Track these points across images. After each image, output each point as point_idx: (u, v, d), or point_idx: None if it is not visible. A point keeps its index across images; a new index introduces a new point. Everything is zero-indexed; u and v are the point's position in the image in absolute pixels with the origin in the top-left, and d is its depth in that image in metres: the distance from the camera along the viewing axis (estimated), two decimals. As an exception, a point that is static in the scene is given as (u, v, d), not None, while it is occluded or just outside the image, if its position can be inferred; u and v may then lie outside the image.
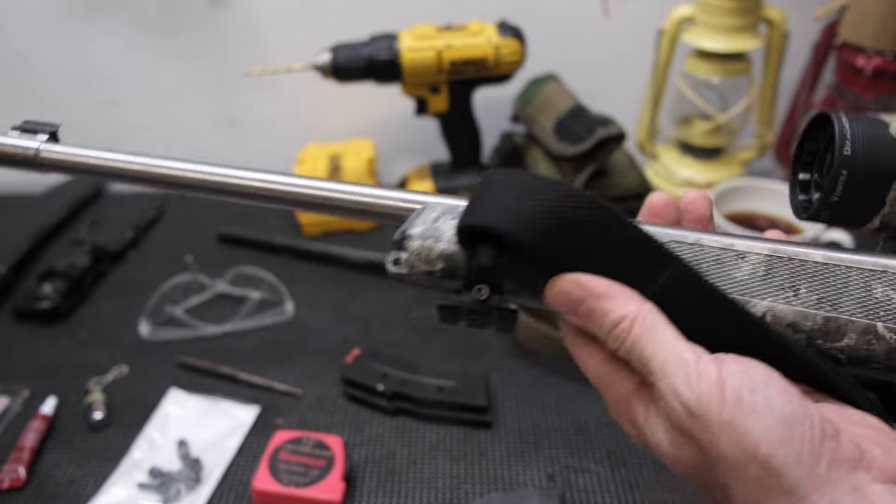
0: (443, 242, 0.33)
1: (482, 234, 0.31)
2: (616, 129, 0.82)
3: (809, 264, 0.31)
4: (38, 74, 1.06)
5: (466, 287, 0.33)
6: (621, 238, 0.30)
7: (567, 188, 0.31)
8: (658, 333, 0.30)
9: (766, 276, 0.31)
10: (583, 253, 0.30)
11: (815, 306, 0.31)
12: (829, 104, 0.94)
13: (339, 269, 0.92)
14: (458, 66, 0.88)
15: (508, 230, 0.30)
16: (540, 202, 0.30)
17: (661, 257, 0.30)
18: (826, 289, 0.31)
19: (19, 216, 1.00)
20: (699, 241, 0.32)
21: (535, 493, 0.61)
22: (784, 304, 0.31)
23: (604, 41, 1.04)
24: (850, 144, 0.30)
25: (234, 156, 1.12)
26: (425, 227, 0.33)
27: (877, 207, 0.31)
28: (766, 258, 0.31)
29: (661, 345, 0.29)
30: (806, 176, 0.34)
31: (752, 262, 0.31)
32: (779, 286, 0.31)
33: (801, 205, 0.34)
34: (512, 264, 0.31)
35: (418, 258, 0.33)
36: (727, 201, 0.92)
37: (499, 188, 0.31)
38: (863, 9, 0.84)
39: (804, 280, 0.31)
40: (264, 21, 1.02)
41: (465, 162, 0.99)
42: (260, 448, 0.67)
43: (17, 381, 0.75)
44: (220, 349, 0.79)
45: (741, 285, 0.31)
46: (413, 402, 0.70)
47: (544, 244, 0.30)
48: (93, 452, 0.68)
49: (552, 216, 0.30)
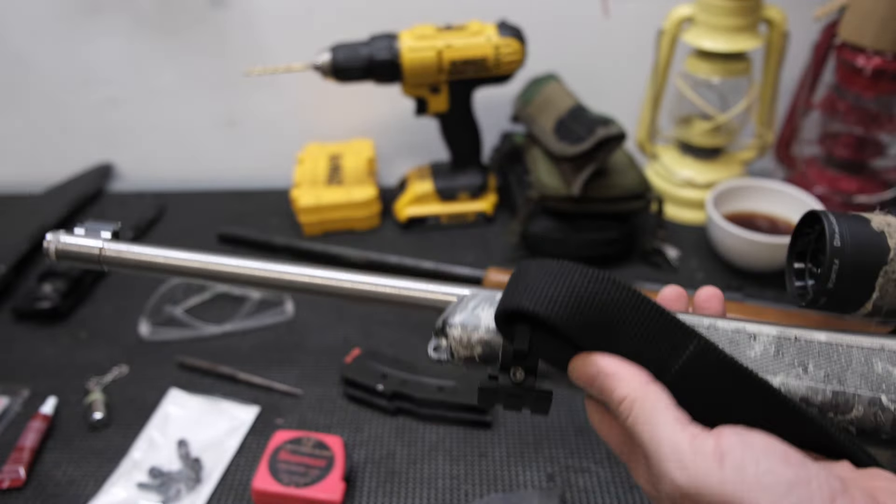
0: (481, 329, 0.36)
1: (519, 317, 0.34)
2: (616, 129, 0.82)
3: (814, 343, 0.34)
4: (38, 74, 1.06)
5: (503, 370, 0.35)
6: (646, 316, 0.33)
7: (596, 273, 0.33)
8: (656, 416, 0.31)
9: (776, 354, 0.34)
10: (610, 330, 0.33)
11: (822, 381, 0.33)
12: (829, 104, 0.94)
13: (339, 269, 0.91)
14: (458, 66, 0.88)
15: (543, 312, 0.32)
16: (570, 286, 0.33)
17: (685, 334, 0.33)
18: (831, 365, 0.34)
19: (19, 216, 1.00)
20: (714, 325, 0.35)
21: (535, 494, 0.61)
22: (795, 379, 0.33)
23: (604, 41, 1.04)
24: (839, 237, 0.34)
25: (234, 156, 1.12)
26: (465, 314, 0.36)
27: (868, 293, 0.34)
28: (776, 339, 0.34)
29: (658, 427, 0.31)
30: (800, 265, 0.38)
31: (762, 342, 0.34)
32: (789, 363, 0.34)
33: (798, 291, 0.38)
34: (545, 344, 0.34)
35: (459, 344, 0.36)
36: (727, 201, 0.92)
37: (532, 276, 0.34)
38: (863, 9, 0.84)
39: (811, 357, 0.34)
40: (264, 21, 1.02)
41: (465, 162, 0.99)
42: (260, 448, 0.67)
43: (17, 381, 0.75)
44: (220, 349, 0.79)
45: (755, 363, 0.34)
46: (413, 402, 0.70)
47: (575, 322, 0.32)
48: (93, 452, 0.68)
49: (582, 297, 0.32)
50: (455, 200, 0.99)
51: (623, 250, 0.91)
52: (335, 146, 1.08)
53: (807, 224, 0.37)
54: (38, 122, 1.10)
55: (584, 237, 0.88)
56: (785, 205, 0.92)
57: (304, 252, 0.93)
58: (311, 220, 0.97)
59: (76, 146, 1.12)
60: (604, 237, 0.89)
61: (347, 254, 0.90)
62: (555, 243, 0.88)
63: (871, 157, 0.95)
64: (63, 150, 1.12)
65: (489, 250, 0.95)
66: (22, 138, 1.12)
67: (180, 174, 1.13)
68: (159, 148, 1.13)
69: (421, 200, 0.99)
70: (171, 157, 1.13)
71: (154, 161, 1.14)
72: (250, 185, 1.10)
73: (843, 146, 0.95)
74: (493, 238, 0.97)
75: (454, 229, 1.00)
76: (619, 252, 0.91)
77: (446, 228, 1.00)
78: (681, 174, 1.00)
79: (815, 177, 0.97)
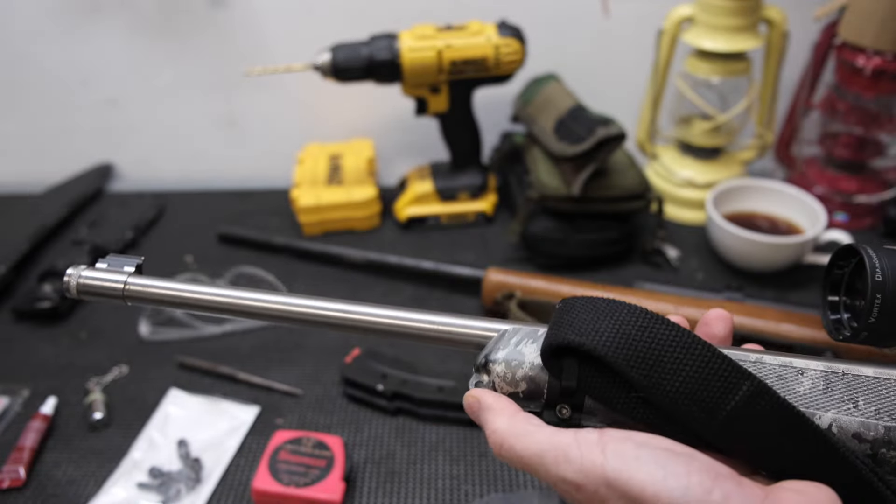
0: (525, 366, 0.35)
1: (566, 353, 0.33)
2: (616, 129, 0.82)
3: (862, 378, 0.34)
4: (38, 74, 1.06)
5: (549, 406, 0.35)
6: (697, 355, 0.32)
7: (644, 311, 0.33)
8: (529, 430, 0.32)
9: (826, 390, 0.33)
10: (661, 368, 0.32)
11: (874, 416, 0.33)
12: (829, 104, 0.94)
13: (339, 269, 0.92)
14: (458, 66, 0.88)
15: (590, 344, 0.32)
16: (618, 321, 0.32)
17: (738, 374, 0.32)
18: (882, 400, 0.33)
19: (19, 216, 1.00)
20: (760, 360, 0.34)
21: (535, 494, 0.61)
22: (846, 415, 0.33)
23: (604, 41, 1.04)
24: (879, 272, 0.34)
25: (234, 156, 1.12)
26: (508, 350, 0.36)
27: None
28: (823, 373, 0.34)
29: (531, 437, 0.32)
30: (835, 298, 0.38)
31: (811, 378, 0.34)
32: (839, 399, 0.33)
33: (834, 324, 0.37)
34: (593, 380, 0.33)
35: (503, 381, 0.35)
36: (727, 201, 0.92)
37: (578, 311, 0.34)
38: (863, 9, 0.84)
39: (861, 392, 0.33)
40: (264, 21, 1.02)
41: (465, 162, 0.99)
42: (260, 448, 0.67)
43: (17, 381, 0.75)
44: (220, 349, 0.79)
45: (805, 399, 0.33)
46: (413, 402, 0.70)
47: (624, 356, 0.32)
48: (93, 452, 0.68)
49: (630, 333, 0.32)
50: (455, 200, 0.99)
51: (623, 250, 0.91)
52: (335, 146, 1.08)
53: (841, 257, 0.38)
54: (38, 122, 1.10)
55: (584, 237, 0.88)
56: (785, 205, 0.92)
57: (304, 252, 0.93)
58: (311, 220, 0.97)
59: (76, 146, 1.12)
60: (604, 237, 0.89)
61: (347, 254, 0.90)
62: (555, 243, 0.88)
63: (871, 157, 0.95)
64: (63, 150, 1.12)
65: (489, 250, 0.95)
66: (22, 138, 1.12)
67: (180, 174, 1.13)
68: (159, 148, 1.13)
69: (421, 200, 0.99)
70: (171, 157, 1.13)
71: (154, 161, 1.14)
72: (250, 185, 1.10)
73: (843, 146, 0.95)
74: (493, 238, 0.97)
75: (454, 229, 1.00)
76: (619, 252, 0.91)
77: (446, 228, 1.00)
78: (681, 174, 1.00)
79: (815, 177, 0.97)
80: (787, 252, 0.85)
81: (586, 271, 0.89)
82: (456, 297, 0.86)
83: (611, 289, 0.77)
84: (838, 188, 0.95)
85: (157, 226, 1.03)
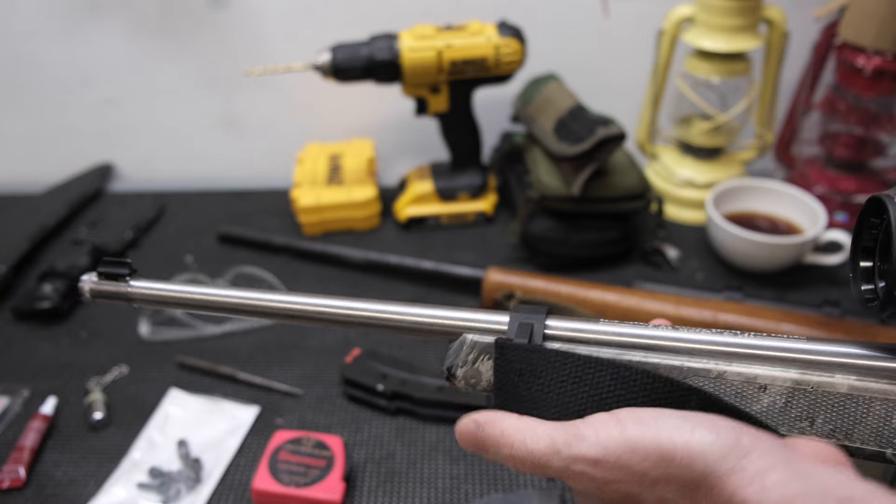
0: (483, 383, 0.38)
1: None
2: (616, 129, 0.82)
3: (831, 395, 0.32)
4: (38, 74, 1.06)
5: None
6: (639, 385, 0.33)
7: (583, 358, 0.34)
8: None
9: (784, 408, 0.33)
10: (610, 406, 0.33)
11: (827, 435, 0.32)
12: (829, 104, 0.94)
13: (339, 269, 0.92)
14: (458, 66, 0.88)
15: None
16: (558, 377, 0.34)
17: (683, 390, 0.32)
18: (841, 419, 0.32)
19: (19, 216, 1.00)
20: (721, 376, 0.34)
21: (535, 494, 0.61)
22: (798, 433, 0.33)
23: (604, 41, 1.04)
24: None
25: (234, 156, 1.12)
26: (466, 369, 0.38)
27: None
28: (789, 389, 0.33)
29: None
30: (868, 264, 0.33)
31: (772, 394, 0.33)
32: (795, 417, 0.33)
33: (865, 294, 0.33)
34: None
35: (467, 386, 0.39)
36: (727, 201, 0.92)
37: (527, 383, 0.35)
38: (863, 9, 0.84)
39: (822, 411, 0.32)
40: (264, 21, 1.02)
41: (465, 162, 0.99)
42: (260, 448, 0.67)
43: (17, 381, 0.75)
44: (220, 349, 0.79)
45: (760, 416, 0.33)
46: (413, 402, 0.70)
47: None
48: (93, 452, 0.68)
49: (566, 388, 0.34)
50: (455, 200, 0.99)
51: (623, 250, 0.91)
52: (335, 146, 1.08)
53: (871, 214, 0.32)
54: (38, 122, 1.10)
55: (584, 237, 0.88)
56: (785, 205, 0.92)
57: (304, 252, 0.93)
58: (311, 220, 0.97)
59: (76, 146, 1.12)
60: (604, 237, 0.89)
61: (347, 254, 0.90)
62: (555, 243, 0.88)
63: (870, 157, 0.95)
64: (63, 150, 1.12)
65: (489, 250, 0.95)
66: (22, 138, 1.12)
67: (180, 174, 1.13)
68: (159, 148, 1.13)
69: (421, 200, 0.99)
70: (171, 157, 1.13)
71: (154, 161, 1.14)
72: (250, 185, 1.10)
73: (843, 146, 0.95)
74: (493, 238, 0.97)
75: (454, 229, 1.00)
76: (619, 252, 0.91)
77: (446, 228, 1.00)
78: (681, 174, 1.00)
79: (815, 177, 0.97)
80: (786, 252, 0.85)
81: (586, 271, 0.89)
82: (456, 297, 0.86)
83: (611, 289, 0.77)
84: (838, 188, 0.95)
85: (157, 226, 1.03)
